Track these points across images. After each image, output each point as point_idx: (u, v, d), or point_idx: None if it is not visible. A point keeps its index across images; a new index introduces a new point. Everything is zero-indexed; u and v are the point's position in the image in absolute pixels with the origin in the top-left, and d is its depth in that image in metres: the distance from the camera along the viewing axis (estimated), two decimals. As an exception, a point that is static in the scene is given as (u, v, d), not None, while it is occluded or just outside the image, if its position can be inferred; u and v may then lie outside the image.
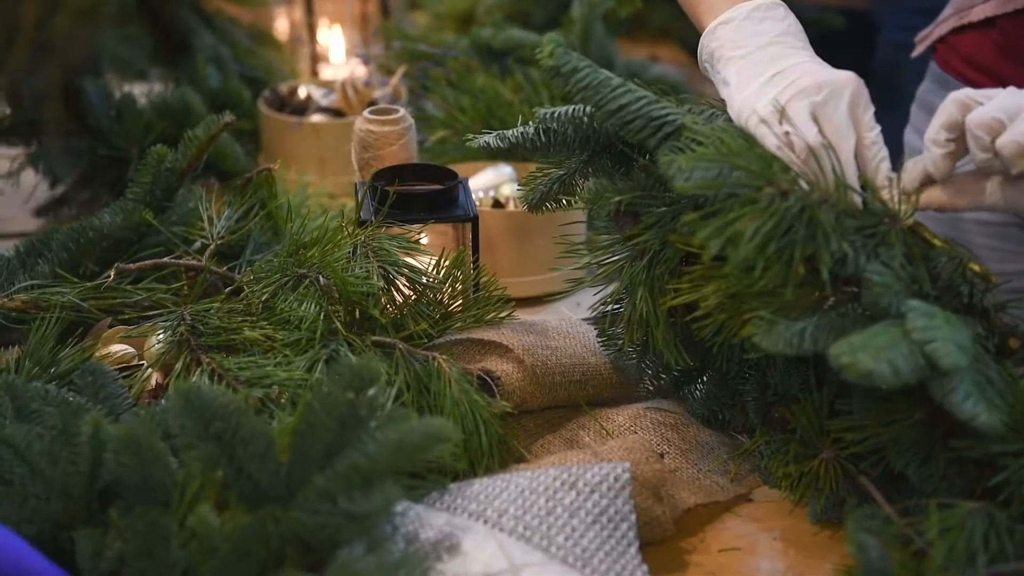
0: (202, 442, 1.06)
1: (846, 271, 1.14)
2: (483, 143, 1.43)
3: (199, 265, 1.50)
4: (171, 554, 1.02)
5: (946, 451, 1.17)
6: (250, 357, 1.35)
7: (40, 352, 1.36)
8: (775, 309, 1.15)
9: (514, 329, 1.44)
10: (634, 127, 1.28)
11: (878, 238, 1.16)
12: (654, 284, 1.32)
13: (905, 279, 1.15)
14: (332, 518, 1.02)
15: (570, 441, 1.40)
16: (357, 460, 1.04)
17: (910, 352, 1.06)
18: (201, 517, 1.01)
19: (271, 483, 1.06)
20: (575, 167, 1.40)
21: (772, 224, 1.12)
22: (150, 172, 1.60)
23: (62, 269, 1.53)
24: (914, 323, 1.08)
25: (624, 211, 1.33)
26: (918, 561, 1.10)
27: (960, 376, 1.07)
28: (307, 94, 2.24)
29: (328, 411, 1.07)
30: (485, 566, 1.10)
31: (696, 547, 1.28)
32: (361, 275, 1.40)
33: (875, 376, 1.04)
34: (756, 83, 1.28)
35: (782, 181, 1.15)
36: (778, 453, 1.34)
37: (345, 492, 1.03)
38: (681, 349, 1.34)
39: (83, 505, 1.07)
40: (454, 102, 2.16)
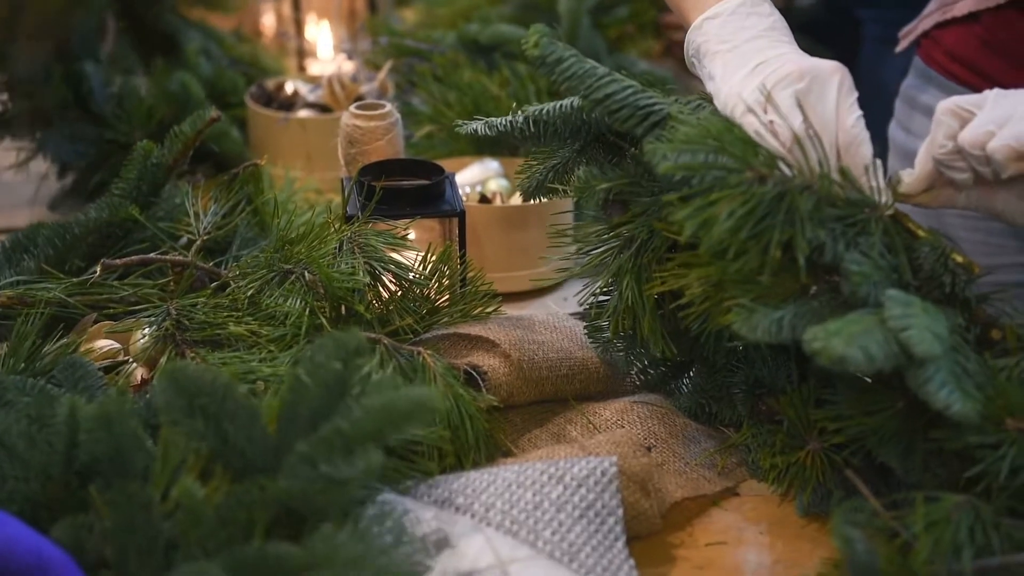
0: (187, 418, 1.06)
1: (824, 259, 1.14)
2: (471, 130, 1.43)
3: (185, 261, 1.49)
4: (154, 525, 1.02)
5: (926, 442, 1.17)
6: (235, 352, 1.35)
7: (22, 348, 1.36)
8: (755, 297, 1.15)
9: (501, 324, 1.44)
10: (620, 116, 1.28)
11: (859, 227, 1.16)
12: (641, 273, 1.32)
13: (885, 269, 1.15)
14: (313, 483, 1.02)
15: (557, 435, 1.40)
16: (340, 426, 1.04)
17: (885, 339, 1.06)
18: (185, 488, 1.01)
19: (258, 454, 1.06)
20: (569, 156, 1.40)
21: (747, 208, 1.12)
22: (136, 168, 1.59)
23: (48, 265, 1.53)
24: (891, 311, 1.08)
25: (613, 200, 1.33)
26: (904, 554, 1.10)
27: (936, 365, 1.07)
28: (294, 89, 2.24)
29: (314, 380, 1.08)
30: (473, 561, 1.10)
31: (683, 541, 1.28)
32: (347, 271, 1.39)
33: (847, 361, 1.04)
34: (741, 73, 1.29)
35: (760, 166, 1.15)
36: (765, 446, 1.34)
37: (327, 457, 1.03)
38: (667, 339, 1.34)
39: (62, 484, 1.08)
40: (441, 97, 2.16)
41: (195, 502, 1.01)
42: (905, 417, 1.18)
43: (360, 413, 1.04)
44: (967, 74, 1.73)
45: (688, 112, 1.27)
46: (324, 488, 1.02)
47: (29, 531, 1.01)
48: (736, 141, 1.16)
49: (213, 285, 1.48)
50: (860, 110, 1.26)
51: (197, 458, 1.06)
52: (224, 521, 1.02)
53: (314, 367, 1.08)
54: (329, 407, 1.07)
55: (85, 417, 1.07)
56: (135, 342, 1.42)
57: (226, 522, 1.02)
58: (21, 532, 1.01)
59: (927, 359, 1.06)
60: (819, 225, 1.14)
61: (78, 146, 1.97)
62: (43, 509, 1.06)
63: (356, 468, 1.02)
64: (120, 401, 1.08)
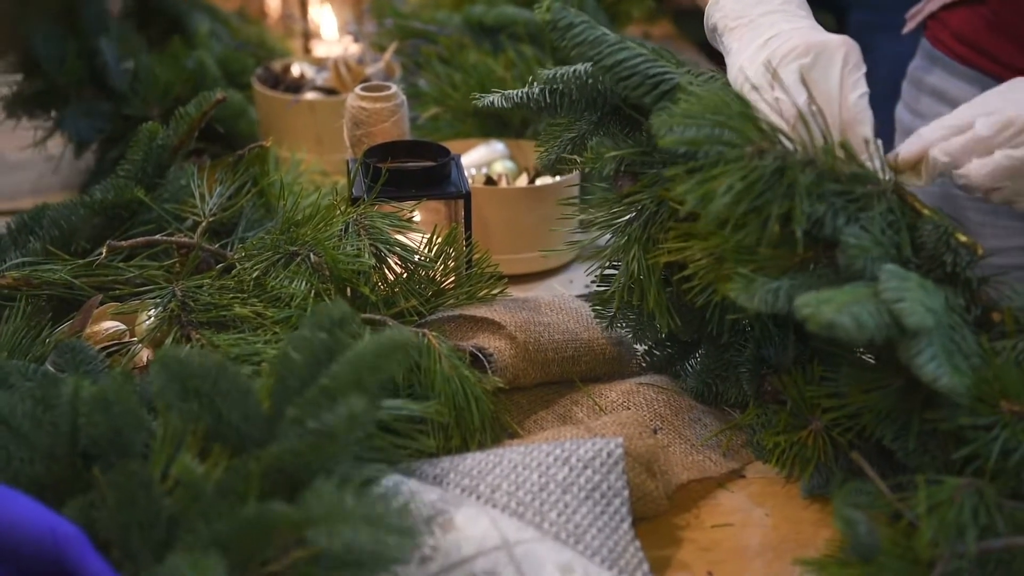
0: (182, 401, 1.07)
1: (824, 233, 1.14)
2: (488, 102, 1.42)
3: (191, 242, 1.49)
4: (154, 502, 1.02)
5: (922, 422, 1.17)
6: (240, 334, 1.35)
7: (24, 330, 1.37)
8: (754, 268, 1.15)
9: (506, 306, 1.44)
10: (631, 83, 1.28)
11: (860, 203, 1.16)
12: (648, 244, 1.32)
13: (885, 244, 1.15)
14: (304, 440, 1.03)
15: (563, 417, 1.40)
16: (324, 383, 1.05)
17: (877, 310, 1.06)
18: (184, 465, 1.02)
19: (253, 429, 1.07)
20: (586, 128, 1.39)
21: (745, 183, 1.12)
22: (141, 149, 1.59)
23: (53, 246, 1.53)
24: (885, 283, 1.08)
25: (623, 171, 1.33)
26: (908, 536, 1.10)
27: (927, 338, 1.07)
28: (301, 72, 2.24)
29: (302, 352, 1.09)
30: (478, 543, 1.10)
31: (689, 522, 1.28)
32: (352, 253, 1.39)
33: (836, 327, 1.03)
34: (752, 47, 1.29)
35: (761, 140, 1.15)
36: (769, 425, 1.34)
37: (313, 415, 1.04)
38: (673, 312, 1.34)
39: (67, 465, 1.08)
40: (446, 79, 2.16)
41: (194, 478, 1.02)
42: (902, 396, 1.18)
43: (338, 367, 1.06)
44: (974, 55, 1.72)
45: (698, 84, 1.27)
46: (314, 444, 1.02)
47: (42, 508, 1.02)
48: (738, 116, 1.16)
49: (219, 267, 1.48)
50: (866, 86, 1.26)
51: (195, 437, 1.06)
52: (223, 493, 1.02)
53: (300, 340, 1.09)
54: (317, 376, 1.08)
55: (85, 398, 1.08)
56: (140, 323, 1.42)
57: (225, 494, 1.02)
58: (34, 509, 1.01)
59: (918, 331, 1.06)
60: (818, 199, 1.14)
61: (95, 122, 1.98)
62: (48, 490, 1.07)
63: (341, 416, 1.02)
64: (119, 382, 1.08)
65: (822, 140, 1.18)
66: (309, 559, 0.99)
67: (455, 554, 1.09)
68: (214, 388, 1.07)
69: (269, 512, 0.98)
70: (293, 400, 1.07)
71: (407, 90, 2.03)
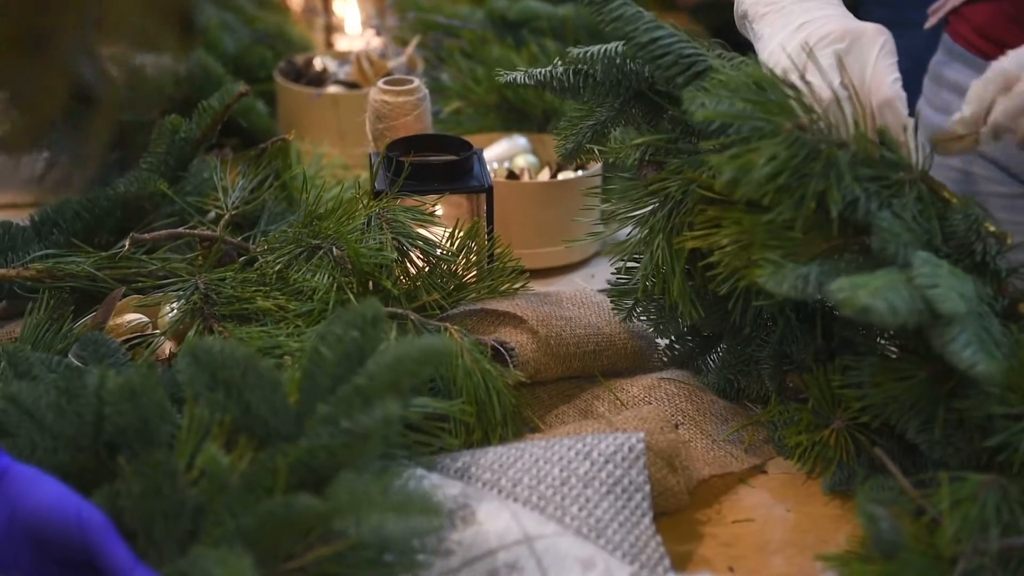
0: (210, 391, 1.07)
1: (856, 216, 1.14)
2: (511, 79, 1.42)
3: (213, 235, 1.50)
4: (179, 492, 1.02)
5: (948, 412, 1.17)
6: (262, 327, 1.35)
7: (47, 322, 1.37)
8: (784, 254, 1.15)
9: (528, 300, 1.44)
10: (664, 62, 1.27)
11: (892, 189, 1.16)
12: (672, 233, 1.31)
13: (916, 232, 1.14)
14: (335, 438, 1.03)
15: (584, 411, 1.40)
16: (358, 382, 1.05)
17: (910, 296, 1.06)
18: (210, 456, 1.02)
19: (281, 423, 1.07)
20: (607, 115, 1.39)
21: (787, 155, 1.12)
22: (164, 142, 1.60)
23: (77, 239, 1.54)
24: (919, 269, 1.08)
25: (648, 161, 1.33)
26: (930, 533, 1.10)
27: (961, 325, 1.07)
28: (323, 66, 2.24)
29: (333, 350, 1.09)
30: (499, 536, 1.10)
31: (710, 518, 1.28)
32: (375, 246, 1.39)
33: (870, 311, 1.03)
34: (784, 32, 1.29)
35: (802, 117, 1.15)
36: (791, 423, 1.34)
37: (347, 414, 1.04)
38: (695, 302, 1.34)
39: (92, 455, 1.08)
40: (469, 73, 2.16)
41: (220, 469, 1.02)
42: (927, 387, 1.18)
43: (374, 367, 1.06)
44: (995, 50, 1.71)
45: (730, 67, 1.27)
46: (346, 443, 1.03)
47: (69, 492, 1.02)
48: (776, 92, 1.16)
49: (241, 260, 1.48)
50: (899, 73, 1.26)
51: (221, 428, 1.07)
52: (249, 486, 1.03)
53: (333, 338, 1.09)
54: (348, 374, 1.08)
55: (111, 389, 1.08)
56: (163, 316, 1.42)
57: (251, 487, 1.03)
58: (61, 493, 1.02)
59: (952, 317, 1.06)
60: (854, 181, 1.14)
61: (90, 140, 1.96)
62: (72, 479, 1.07)
63: (375, 418, 1.02)
64: (145, 372, 1.08)
65: (854, 126, 1.17)
66: (334, 555, 0.99)
67: (477, 548, 1.09)
68: (243, 380, 1.07)
69: (296, 504, 0.99)
70: (324, 397, 1.07)
71: (429, 84, 2.03)
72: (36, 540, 1.02)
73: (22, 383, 1.13)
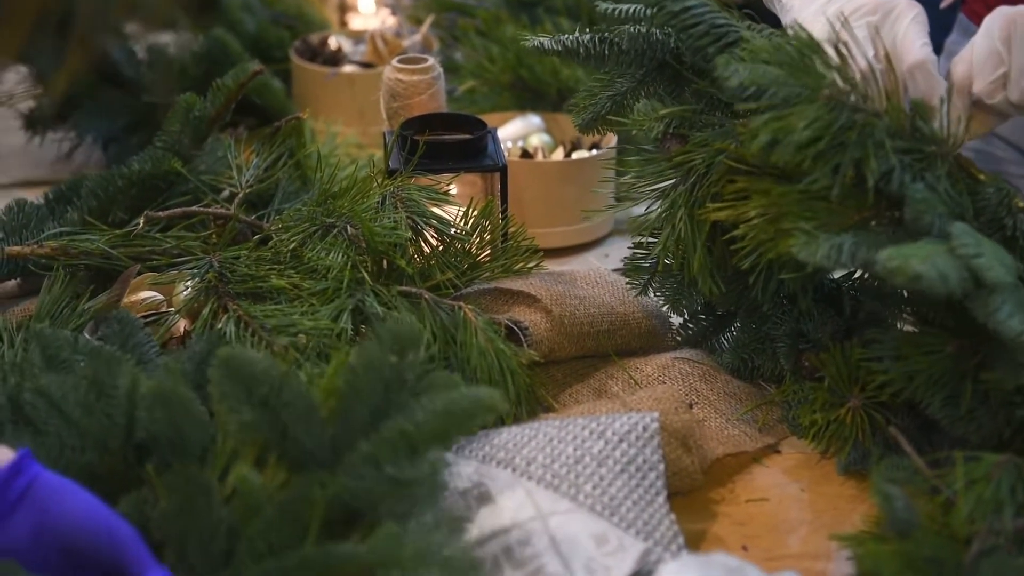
0: (244, 407, 1.05)
1: (890, 187, 1.14)
2: (537, 43, 1.41)
3: (227, 213, 1.50)
4: (214, 510, 1.01)
5: (975, 385, 1.17)
6: (277, 305, 1.35)
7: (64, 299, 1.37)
8: (816, 225, 1.14)
9: (542, 279, 1.44)
10: (696, 32, 1.27)
11: (925, 162, 1.16)
12: (695, 206, 1.31)
13: (949, 204, 1.14)
14: (378, 484, 1.01)
15: (599, 391, 1.40)
16: (404, 427, 1.03)
17: (955, 265, 1.05)
18: (242, 475, 1.01)
19: (316, 446, 1.04)
20: (629, 86, 1.38)
21: (827, 119, 1.12)
22: (178, 120, 1.59)
23: (91, 217, 1.54)
24: (960, 239, 1.07)
25: (672, 133, 1.32)
26: (945, 512, 1.10)
27: (1006, 293, 1.06)
28: (338, 45, 2.23)
29: (371, 375, 1.06)
30: (513, 514, 1.10)
31: (724, 497, 1.28)
32: (389, 225, 1.39)
33: (923, 279, 1.02)
34: (816, 4, 1.28)
35: (841, 84, 1.14)
36: (805, 402, 1.34)
37: (391, 458, 1.02)
38: (716, 276, 1.33)
39: (120, 458, 1.07)
40: (483, 52, 2.15)
41: (252, 489, 1.01)
42: (953, 361, 1.18)
43: (423, 415, 1.04)
44: None
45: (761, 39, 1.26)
46: (389, 490, 1.01)
47: (99, 503, 1.02)
48: (814, 58, 1.16)
49: (255, 238, 1.48)
50: (930, 43, 1.26)
51: (253, 446, 1.05)
52: (284, 513, 1.01)
53: (369, 360, 1.07)
54: (387, 403, 1.06)
55: (143, 393, 1.08)
56: (178, 294, 1.42)
57: (285, 515, 1.01)
58: (91, 504, 1.01)
59: (996, 286, 1.05)
60: (890, 151, 1.13)
61: (114, 118, 1.96)
62: (99, 481, 1.06)
63: (422, 470, 1.01)
64: (177, 376, 1.07)
65: (886, 98, 1.17)
66: None
67: (491, 525, 1.09)
68: (278, 399, 1.05)
69: (337, 552, 0.97)
70: (362, 427, 1.05)
71: (444, 63, 2.02)
72: (65, 549, 1.02)
73: (52, 376, 1.12)
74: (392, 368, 1.07)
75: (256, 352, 1.07)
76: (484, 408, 1.03)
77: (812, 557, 1.20)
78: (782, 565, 1.17)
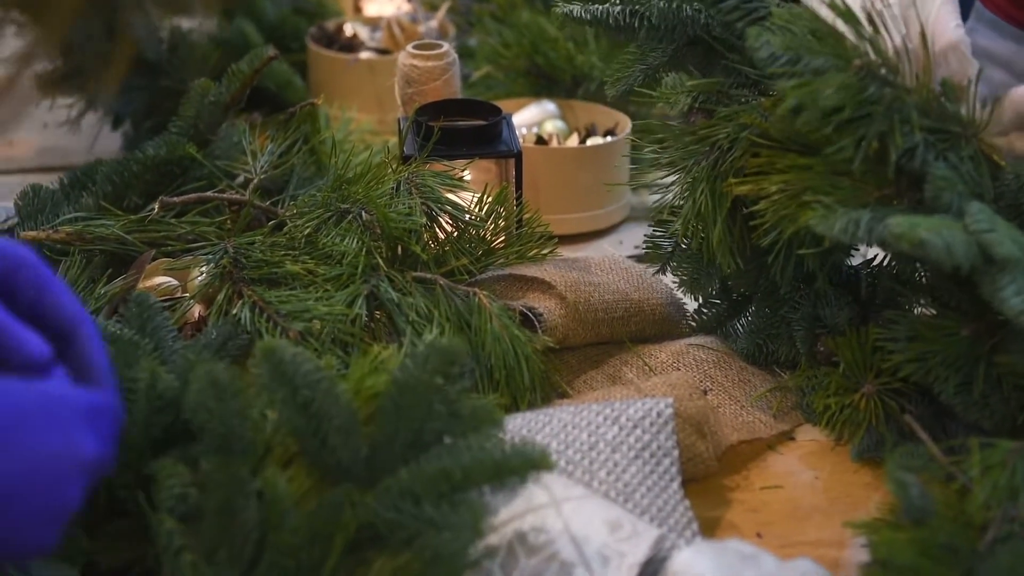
0: (289, 409, 1.02)
1: (912, 164, 1.13)
2: (567, 11, 1.40)
3: (242, 199, 1.50)
4: (251, 515, 0.99)
5: (989, 368, 1.17)
6: (291, 291, 1.35)
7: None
8: (836, 200, 1.14)
9: (557, 265, 1.44)
10: (725, 6, 1.27)
11: (949, 143, 1.16)
12: (717, 181, 1.31)
13: (970, 184, 1.14)
14: (415, 521, 0.98)
15: (613, 377, 1.40)
16: (449, 468, 1.00)
17: (966, 241, 1.05)
18: (271, 479, 0.99)
19: (351, 462, 1.02)
20: (658, 61, 1.38)
21: (856, 88, 1.12)
22: (194, 106, 1.59)
23: (106, 202, 1.54)
24: (974, 215, 1.07)
25: (698, 108, 1.32)
26: (960, 499, 1.09)
27: (1013, 274, 1.05)
28: (354, 31, 2.23)
29: (415, 396, 1.03)
30: (527, 500, 1.10)
31: (739, 484, 1.28)
32: (404, 211, 1.39)
33: (927, 246, 1.03)
34: None
35: (872, 56, 1.15)
36: (820, 388, 1.34)
37: (432, 498, 0.99)
38: (735, 252, 1.33)
39: (137, 453, 1.07)
40: (499, 38, 2.15)
41: (279, 494, 0.99)
42: (968, 344, 1.18)
43: (470, 459, 1.01)
44: None
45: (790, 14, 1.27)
46: (424, 530, 0.98)
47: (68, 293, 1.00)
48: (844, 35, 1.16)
49: (270, 224, 1.48)
50: (961, 21, 1.26)
51: (285, 447, 1.04)
52: (311, 525, 0.99)
53: (414, 381, 1.03)
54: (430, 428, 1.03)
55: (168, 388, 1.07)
56: (193, 279, 1.42)
57: (313, 526, 0.99)
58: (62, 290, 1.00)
59: (1007, 263, 1.05)
60: (917, 127, 1.13)
61: (130, 96, 1.96)
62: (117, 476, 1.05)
63: (463, 517, 0.99)
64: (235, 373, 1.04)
65: (915, 78, 1.17)
66: None
67: (504, 511, 1.09)
68: (322, 406, 1.02)
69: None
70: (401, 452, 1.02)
71: (459, 49, 2.02)
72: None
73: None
74: (439, 391, 1.03)
75: (299, 349, 1.04)
76: (532, 467, 1.01)
77: (827, 544, 1.19)
78: (797, 552, 1.16)
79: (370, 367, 1.08)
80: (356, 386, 1.06)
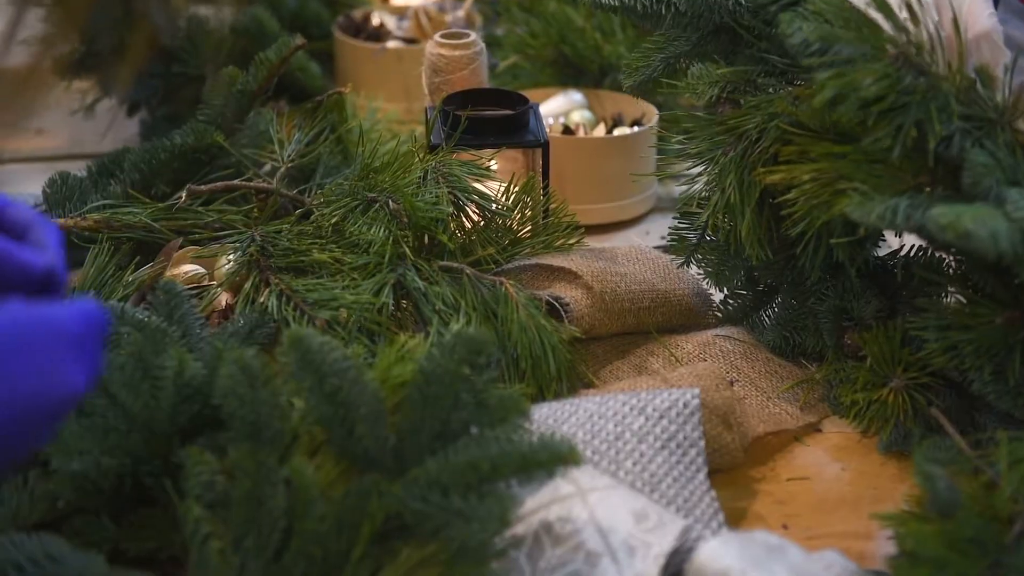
0: (317, 398, 1.02)
1: (950, 151, 1.13)
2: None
3: (269, 187, 1.50)
4: (279, 504, 0.99)
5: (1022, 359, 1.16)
6: (318, 279, 1.35)
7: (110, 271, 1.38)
8: (871, 187, 1.14)
9: (583, 255, 1.44)
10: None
11: (984, 130, 1.15)
12: (746, 171, 1.31)
13: (1007, 171, 1.13)
14: (443, 512, 0.98)
15: (639, 367, 1.40)
16: (478, 460, 0.99)
17: (1008, 228, 1.04)
18: (298, 468, 0.99)
19: (378, 451, 1.02)
20: (682, 49, 1.37)
21: (893, 79, 1.12)
22: (221, 94, 1.60)
23: (134, 190, 1.54)
24: (1015, 203, 1.07)
25: (725, 98, 1.32)
26: (988, 492, 1.09)
27: None
28: (380, 21, 2.23)
29: (442, 387, 1.02)
30: (553, 490, 1.10)
31: (765, 475, 1.28)
32: (431, 200, 1.39)
33: (972, 237, 1.02)
34: None
35: (907, 45, 1.14)
36: (847, 382, 1.33)
37: (460, 489, 0.99)
38: (764, 243, 1.33)
39: (164, 441, 1.07)
40: (526, 28, 2.15)
41: (306, 483, 0.99)
42: (1003, 333, 1.17)
43: (498, 452, 1.00)
44: None
45: None
46: (451, 522, 0.98)
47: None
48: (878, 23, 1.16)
49: (297, 212, 1.49)
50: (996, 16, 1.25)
51: (311, 436, 1.04)
52: (339, 514, 0.99)
53: (442, 370, 1.03)
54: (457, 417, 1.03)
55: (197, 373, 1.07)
56: (220, 267, 1.43)
57: (340, 516, 0.99)
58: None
59: None
60: (955, 114, 1.13)
61: (147, 81, 1.96)
62: (144, 463, 1.06)
63: (492, 510, 0.98)
64: (267, 362, 1.04)
65: (948, 66, 1.16)
66: None
67: (530, 501, 1.09)
68: (349, 396, 1.02)
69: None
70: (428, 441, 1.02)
71: (486, 38, 2.02)
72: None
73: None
74: (466, 382, 1.03)
75: (327, 338, 1.04)
76: (560, 461, 1.00)
77: (853, 536, 1.19)
78: (823, 544, 1.16)
79: (397, 356, 1.08)
80: (383, 375, 1.06)
